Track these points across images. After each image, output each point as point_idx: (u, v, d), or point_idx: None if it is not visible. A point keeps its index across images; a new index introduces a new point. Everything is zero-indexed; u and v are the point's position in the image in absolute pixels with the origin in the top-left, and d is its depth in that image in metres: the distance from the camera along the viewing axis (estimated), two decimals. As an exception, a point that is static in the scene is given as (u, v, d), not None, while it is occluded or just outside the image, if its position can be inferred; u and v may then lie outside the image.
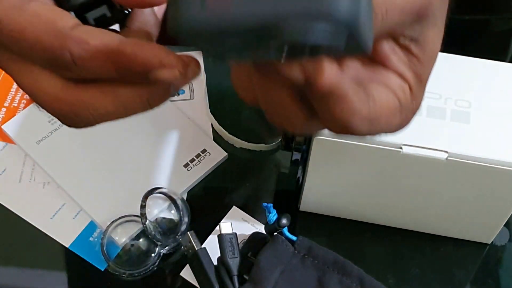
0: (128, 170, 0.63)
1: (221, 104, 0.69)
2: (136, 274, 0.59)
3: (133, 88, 0.35)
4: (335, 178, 0.58)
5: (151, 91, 0.36)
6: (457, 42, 0.74)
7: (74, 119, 0.37)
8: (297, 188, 0.62)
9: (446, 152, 0.52)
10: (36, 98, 0.37)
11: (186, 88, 0.69)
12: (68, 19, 0.34)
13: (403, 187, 0.57)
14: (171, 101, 0.67)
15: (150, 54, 0.34)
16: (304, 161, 0.58)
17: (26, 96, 0.67)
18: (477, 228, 0.60)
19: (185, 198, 0.62)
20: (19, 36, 0.34)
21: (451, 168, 0.53)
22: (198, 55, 0.37)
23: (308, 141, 0.55)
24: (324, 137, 0.53)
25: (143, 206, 0.59)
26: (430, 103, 0.54)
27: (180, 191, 0.62)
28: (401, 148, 0.52)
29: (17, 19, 0.34)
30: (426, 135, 0.53)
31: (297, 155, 0.58)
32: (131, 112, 0.36)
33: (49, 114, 0.40)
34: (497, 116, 0.54)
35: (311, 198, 0.61)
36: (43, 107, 0.38)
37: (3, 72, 0.72)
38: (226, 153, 0.65)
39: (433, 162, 0.53)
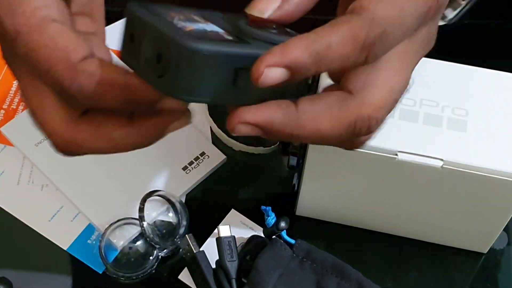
0: (126, 172, 0.63)
1: (220, 107, 0.69)
2: (134, 277, 0.59)
3: (128, 131, 0.38)
4: (331, 184, 0.58)
5: (143, 134, 0.39)
6: (457, 47, 0.74)
7: (64, 152, 0.40)
8: (294, 193, 0.62)
9: (442, 160, 0.52)
10: (36, 119, 0.39)
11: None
12: (81, 48, 0.35)
13: (398, 194, 0.57)
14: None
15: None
16: (300, 166, 0.58)
17: (25, 99, 0.67)
18: (472, 237, 0.60)
19: (183, 201, 0.62)
20: (34, 57, 0.35)
21: (446, 176, 0.53)
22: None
23: (304, 146, 0.55)
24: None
25: (141, 209, 0.59)
26: (427, 111, 0.54)
27: (179, 194, 0.62)
28: (396, 155, 0.52)
29: (35, 40, 0.35)
30: (422, 142, 0.53)
31: (293, 160, 0.58)
32: (122, 151, 0.40)
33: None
34: (494, 125, 0.54)
35: (307, 203, 0.61)
36: (39, 129, 0.39)
37: (2, 73, 0.72)
38: (224, 156, 0.65)
39: (428, 169, 0.52)
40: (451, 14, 0.55)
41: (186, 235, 0.59)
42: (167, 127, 0.39)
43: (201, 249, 0.59)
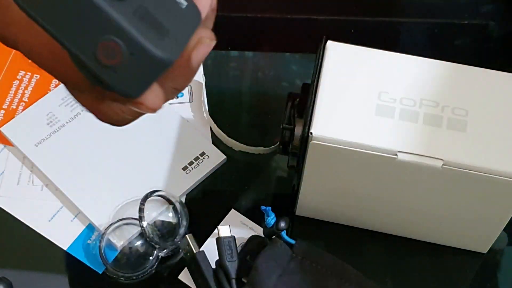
0: (126, 172, 0.63)
1: (220, 107, 0.69)
2: (134, 277, 0.59)
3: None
4: (331, 184, 0.58)
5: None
6: (457, 47, 0.74)
7: None
8: (294, 193, 0.62)
9: (442, 160, 0.52)
10: None
11: (185, 91, 0.69)
12: None
13: (399, 194, 0.57)
14: (170, 104, 0.67)
15: None
16: (300, 166, 0.58)
17: (25, 99, 0.67)
18: (472, 238, 0.60)
19: (183, 201, 0.62)
20: (30, 53, 0.37)
21: (446, 176, 0.53)
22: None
23: (304, 146, 0.55)
24: (320, 141, 0.53)
25: (141, 209, 0.59)
26: (427, 111, 0.54)
27: (179, 194, 0.62)
28: (396, 155, 0.52)
29: (27, 39, 0.37)
30: (422, 142, 0.53)
31: (293, 160, 0.58)
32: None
33: (48, 117, 0.41)
34: (494, 125, 0.54)
35: (307, 203, 0.61)
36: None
37: (2, 73, 0.72)
38: (224, 156, 0.65)
39: (428, 169, 0.53)
40: None
41: (186, 235, 0.59)
42: None
43: (201, 249, 0.59)
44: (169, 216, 0.61)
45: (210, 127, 0.67)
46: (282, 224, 0.57)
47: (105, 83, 0.33)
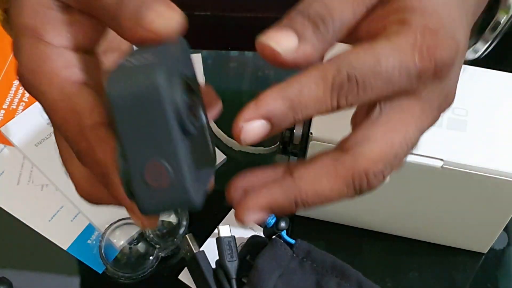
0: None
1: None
2: (134, 277, 0.59)
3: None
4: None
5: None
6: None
7: (87, 201, 0.42)
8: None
9: (442, 160, 0.52)
10: (65, 167, 0.40)
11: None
12: (95, 114, 0.35)
13: (398, 195, 0.57)
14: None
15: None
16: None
17: (25, 98, 0.67)
18: (472, 238, 0.60)
19: (183, 201, 0.62)
20: (53, 115, 0.36)
21: (446, 176, 0.53)
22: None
23: (304, 146, 0.55)
24: (320, 141, 0.53)
25: (141, 209, 0.59)
26: (427, 111, 0.54)
27: (179, 194, 0.62)
28: (396, 155, 0.52)
29: (55, 99, 0.36)
30: (422, 142, 0.53)
31: (293, 160, 0.58)
32: None
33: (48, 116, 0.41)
34: (494, 125, 0.54)
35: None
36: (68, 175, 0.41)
37: (2, 73, 0.72)
38: (225, 156, 0.65)
39: (428, 169, 0.52)
40: (482, 47, 0.54)
41: (186, 235, 0.59)
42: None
43: (201, 249, 0.59)
44: (169, 216, 0.61)
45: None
46: (282, 224, 0.57)
47: (133, 194, 0.33)
